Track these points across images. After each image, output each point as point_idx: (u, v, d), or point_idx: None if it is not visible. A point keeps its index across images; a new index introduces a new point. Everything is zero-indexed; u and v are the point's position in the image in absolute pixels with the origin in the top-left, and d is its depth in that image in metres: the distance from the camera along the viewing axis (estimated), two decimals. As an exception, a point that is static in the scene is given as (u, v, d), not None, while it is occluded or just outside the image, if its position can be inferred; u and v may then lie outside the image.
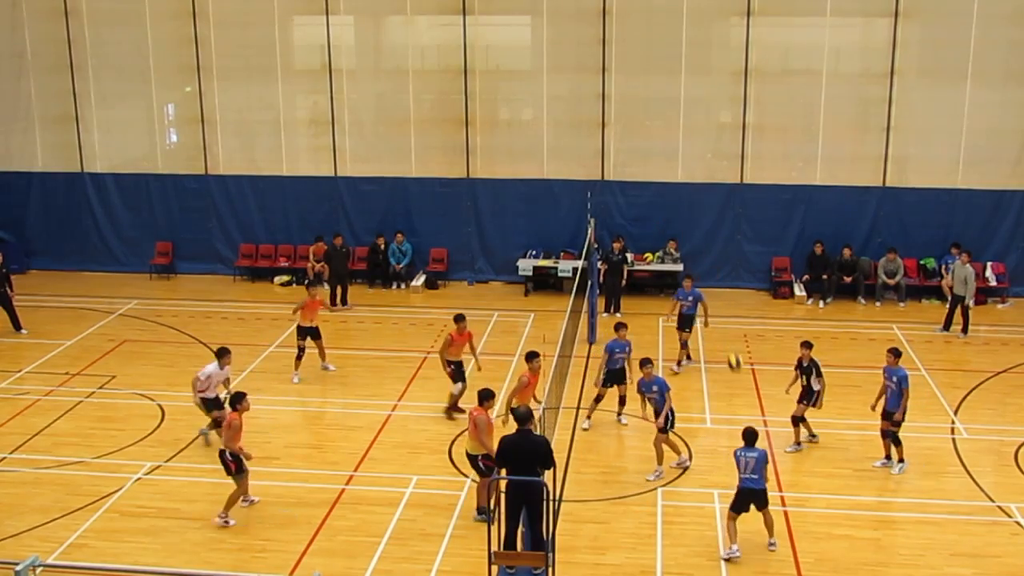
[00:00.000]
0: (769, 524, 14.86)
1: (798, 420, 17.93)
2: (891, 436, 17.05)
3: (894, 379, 16.91)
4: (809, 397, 17.76)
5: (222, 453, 15.55)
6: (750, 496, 14.65)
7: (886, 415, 17.07)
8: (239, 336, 23.77)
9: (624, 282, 25.59)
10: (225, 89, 28.43)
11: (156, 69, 28.52)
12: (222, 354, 17.93)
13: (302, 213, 28.62)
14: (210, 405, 17.87)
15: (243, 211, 28.91)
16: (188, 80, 28.45)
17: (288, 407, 20.11)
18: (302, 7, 27.94)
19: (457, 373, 19.29)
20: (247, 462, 15.65)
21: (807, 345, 17.81)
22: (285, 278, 28.42)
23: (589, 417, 18.96)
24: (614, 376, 18.90)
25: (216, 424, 17.66)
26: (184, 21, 27.94)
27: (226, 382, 18.09)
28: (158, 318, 25.37)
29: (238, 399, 15.81)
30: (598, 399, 18.83)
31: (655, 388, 17.21)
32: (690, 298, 21.52)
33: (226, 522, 15.50)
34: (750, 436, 14.72)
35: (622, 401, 19.00)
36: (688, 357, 21.98)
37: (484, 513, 15.36)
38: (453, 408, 19.29)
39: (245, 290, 28.08)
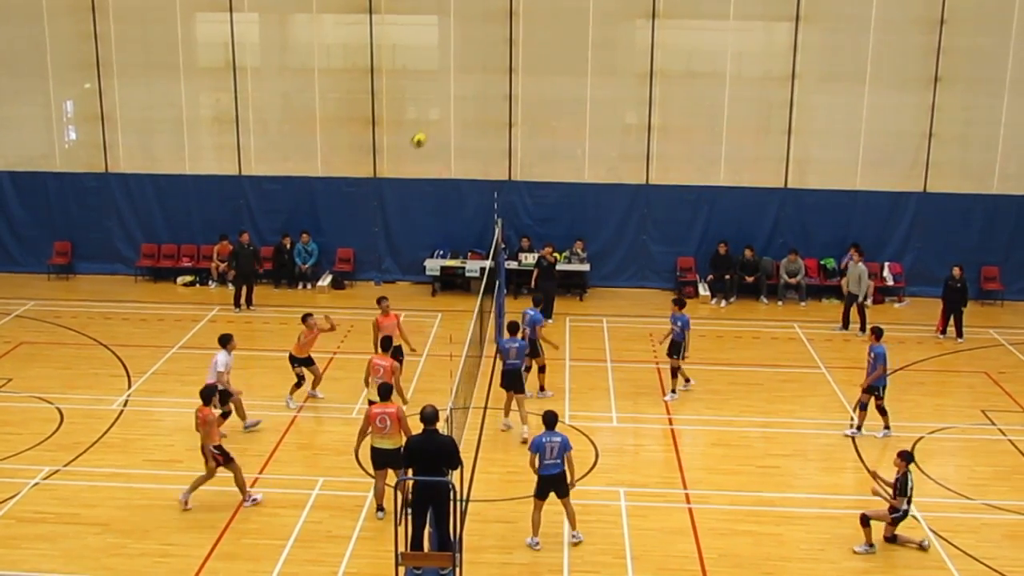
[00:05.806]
0: (571, 516, 14.97)
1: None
2: (863, 406, 18.83)
3: (872, 355, 18.61)
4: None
5: (203, 448, 15.89)
6: (551, 482, 14.68)
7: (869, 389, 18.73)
8: (141, 337, 23.32)
9: (556, 286, 25.21)
10: (126, 86, 27.85)
11: (54, 65, 27.84)
12: None
13: (206, 212, 28.16)
14: None
15: (144, 210, 28.36)
16: (87, 77, 27.81)
17: (192, 409, 19.71)
18: (206, 3, 27.51)
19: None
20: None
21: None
22: (188, 278, 27.96)
23: (507, 416, 18.99)
24: (510, 380, 18.58)
25: None
26: (83, 16, 27.32)
27: None
28: (57, 319, 24.76)
29: (212, 394, 16.27)
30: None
31: None
32: (679, 323, 20.27)
33: (255, 500, 16.03)
34: (551, 420, 14.69)
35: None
36: (687, 380, 20.82)
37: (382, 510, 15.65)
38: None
39: (147, 291, 27.55)
